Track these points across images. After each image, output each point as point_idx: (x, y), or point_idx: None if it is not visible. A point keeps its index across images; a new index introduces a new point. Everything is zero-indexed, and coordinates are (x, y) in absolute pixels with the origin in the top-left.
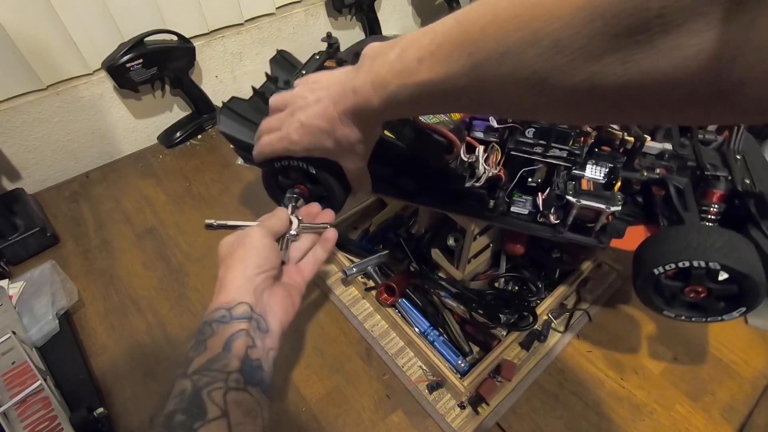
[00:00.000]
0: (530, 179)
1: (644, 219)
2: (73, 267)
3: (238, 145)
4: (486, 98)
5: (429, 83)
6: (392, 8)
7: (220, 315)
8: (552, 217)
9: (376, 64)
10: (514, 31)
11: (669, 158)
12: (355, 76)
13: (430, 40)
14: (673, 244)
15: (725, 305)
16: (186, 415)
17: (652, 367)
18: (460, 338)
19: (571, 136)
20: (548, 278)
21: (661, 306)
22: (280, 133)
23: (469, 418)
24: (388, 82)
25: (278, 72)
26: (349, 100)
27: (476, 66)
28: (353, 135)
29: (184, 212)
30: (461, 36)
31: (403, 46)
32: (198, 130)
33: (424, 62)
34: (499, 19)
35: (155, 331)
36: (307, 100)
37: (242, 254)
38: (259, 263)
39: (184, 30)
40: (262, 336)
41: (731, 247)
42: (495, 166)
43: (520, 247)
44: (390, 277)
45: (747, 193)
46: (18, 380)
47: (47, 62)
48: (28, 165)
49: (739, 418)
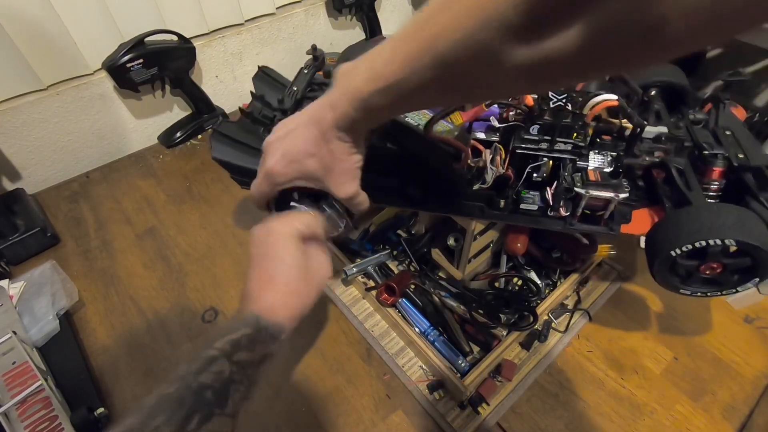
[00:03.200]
0: (535, 175)
1: (647, 202)
2: (73, 267)
3: (233, 171)
4: (452, 84)
5: (398, 83)
6: (392, 8)
7: (272, 331)
8: (562, 210)
9: (347, 78)
10: (466, 17)
11: (666, 141)
12: (330, 94)
13: (392, 45)
14: (687, 225)
15: (739, 277)
16: (215, 398)
17: (653, 366)
18: (460, 338)
19: (574, 129)
20: (548, 278)
21: (677, 285)
22: (261, 173)
23: (469, 418)
24: (361, 91)
25: (263, 89)
26: (329, 117)
27: (438, 56)
28: (339, 149)
29: (184, 212)
30: (420, 33)
31: (371, 57)
32: (198, 130)
33: (389, 65)
34: (453, 9)
35: (155, 331)
36: (282, 132)
37: (273, 271)
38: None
39: (185, 30)
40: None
41: (743, 222)
42: (502, 166)
43: (521, 246)
44: (390, 277)
45: (743, 167)
46: (18, 380)
47: (47, 62)
48: (28, 165)
49: (740, 417)
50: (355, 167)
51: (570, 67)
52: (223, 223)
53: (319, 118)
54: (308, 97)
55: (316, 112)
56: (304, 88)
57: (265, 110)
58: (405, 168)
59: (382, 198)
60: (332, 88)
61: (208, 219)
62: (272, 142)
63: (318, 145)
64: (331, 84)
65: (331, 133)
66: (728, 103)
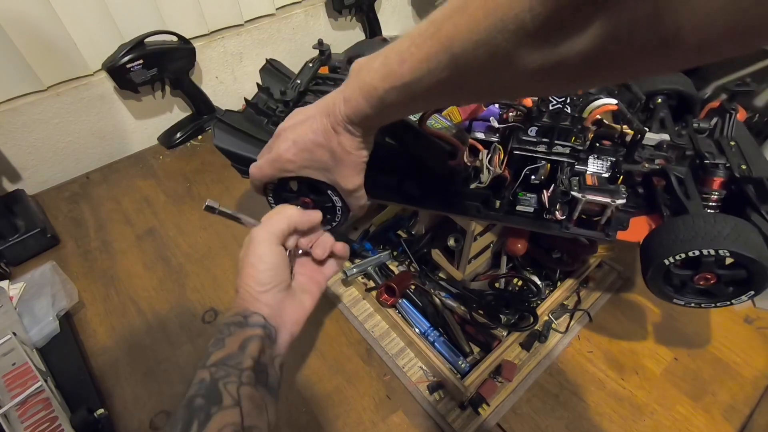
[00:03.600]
0: (533, 177)
1: (646, 209)
2: (73, 268)
3: (234, 159)
4: (466, 85)
5: (413, 82)
6: (392, 8)
7: (237, 320)
8: (558, 214)
9: (362, 74)
10: (483, 19)
11: (667, 149)
12: (344, 88)
13: (409, 44)
14: (682, 233)
15: (734, 290)
16: (205, 400)
17: (653, 367)
18: (460, 339)
19: (573, 132)
20: (548, 278)
21: (671, 295)
22: (269, 156)
23: (469, 419)
24: (376, 87)
25: (269, 82)
26: (341, 110)
27: (454, 57)
28: (348, 142)
29: (185, 213)
30: (437, 33)
31: (386, 54)
32: (198, 130)
33: (405, 63)
34: (469, 11)
35: (155, 332)
36: (295, 120)
37: (253, 265)
38: (270, 278)
39: (184, 31)
40: (271, 344)
41: (739, 233)
42: (499, 167)
43: (521, 247)
44: (390, 278)
45: (745, 178)
46: (18, 381)
47: (47, 63)
48: (28, 166)
49: (740, 418)
50: (361, 161)
51: (584, 71)
52: (223, 223)
53: (332, 111)
54: (311, 90)
55: (328, 105)
56: (308, 81)
57: (270, 102)
58: (402, 164)
59: (380, 194)
60: (346, 82)
61: (209, 220)
62: (284, 129)
63: (328, 137)
64: (346, 78)
65: (342, 126)
66: (734, 112)
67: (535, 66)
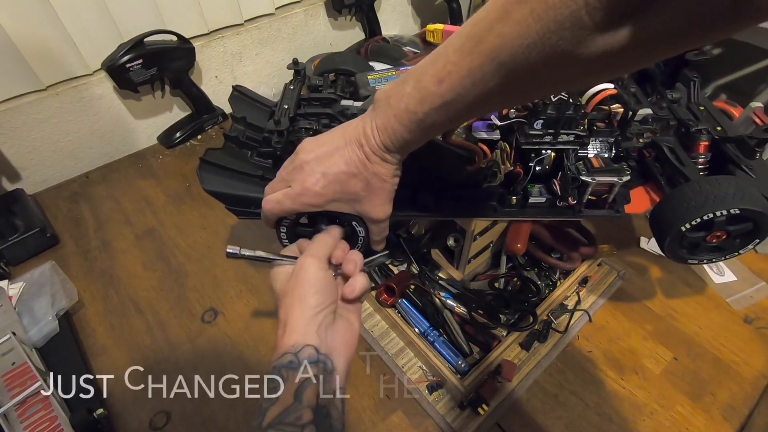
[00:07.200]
0: (538, 168)
1: (641, 180)
2: (72, 267)
3: (228, 201)
4: (517, 89)
5: (457, 98)
6: (392, 8)
7: (288, 360)
8: (570, 199)
9: (392, 101)
10: (534, 24)
11: (653, 122)
12: (374, 117)
13: (444, 62)
14: (693, 200)
15: (740, 241)
16: None
17: (653, 367)
18: (460, 338)
19: (576, 120)
20: (548, 278)
21: (686, 257)
22: (292, 191)
23: (469, 419)
24: (415, 112)
25: (241, 110)
26: (376, 139)
27: (502, 65)
28: (383, 170)
29: (184, 213)
30: (478, 46)
31: (416, 77)
32: (198, 130)
33: (443, 83)
34: (514, 18)
35: (155, 331)
36: (320, 152)
37: (301, 293)
38: (319, 301)
39: (184, 30)
40: (329, 378)
41: (742, 191)
42: (510, 163)
43: (521, 247)
44: (390, 278)
45: (726, 138)
46: (18, 381)
47: (47, 63)
48: (27, 165)
49: (740, 418)
50: (393, 189)
51: (650, 48)
52: (223, 223)
53: (365, 141)
54: (301, 115)
55: (358, 135)
56: (295, 105)
57: (249, 132)
58: (415, 176)
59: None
60: (374, 110)
61: (208, 219)
62: (307, 162)
63: (362, 167)
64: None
65: (378, 155)
66: (697, 80)
67: (596, 57)
